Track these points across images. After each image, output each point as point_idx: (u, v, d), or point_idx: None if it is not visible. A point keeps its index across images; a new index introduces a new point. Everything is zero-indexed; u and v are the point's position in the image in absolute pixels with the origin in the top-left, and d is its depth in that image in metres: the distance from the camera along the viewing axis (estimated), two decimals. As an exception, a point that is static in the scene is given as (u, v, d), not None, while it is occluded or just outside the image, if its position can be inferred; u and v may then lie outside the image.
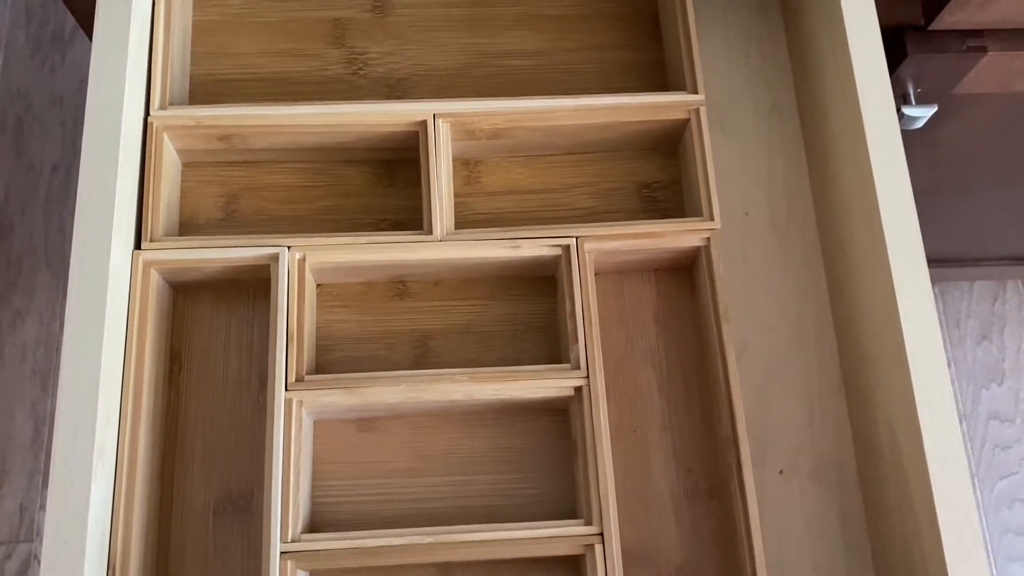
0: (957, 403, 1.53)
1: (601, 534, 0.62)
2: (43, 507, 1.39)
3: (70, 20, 1.60)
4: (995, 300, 1.64)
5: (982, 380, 1.57)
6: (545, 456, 0.69)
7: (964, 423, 1.51)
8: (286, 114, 0.70)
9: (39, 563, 1.36)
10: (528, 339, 0.72)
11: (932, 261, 0.66)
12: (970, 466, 1.49)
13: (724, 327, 0.68)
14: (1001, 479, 1.52)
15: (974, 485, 1.48)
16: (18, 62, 1.58)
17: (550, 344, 0.72)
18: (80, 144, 1.58)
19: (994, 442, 1.55)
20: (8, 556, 1.39)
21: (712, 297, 0.69)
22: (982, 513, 1.48)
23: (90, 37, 0.68)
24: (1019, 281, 1.65)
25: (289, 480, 0.62)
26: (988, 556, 0.60)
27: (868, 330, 0.68)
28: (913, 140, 0.84)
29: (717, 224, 0.70)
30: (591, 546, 0.62)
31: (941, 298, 1.60)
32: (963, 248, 1.48)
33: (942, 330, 1.53)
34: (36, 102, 1.56)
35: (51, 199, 1.53)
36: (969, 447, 1.51)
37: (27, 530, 1.40)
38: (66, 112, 1.56)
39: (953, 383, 1.50)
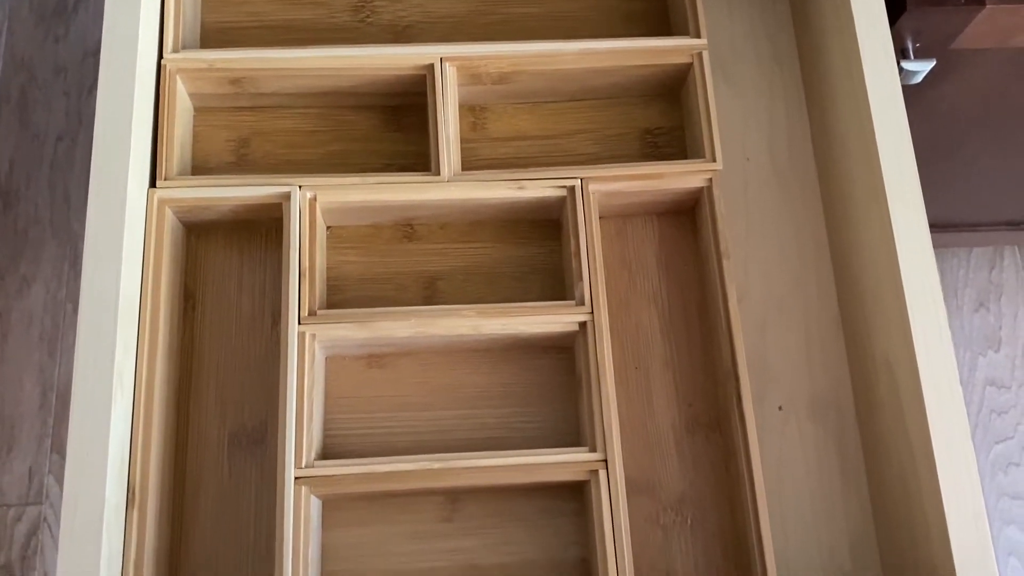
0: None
1: (605, 460, 0.64)
2: (52, 471, 1.41)
3: (73, -10, 1.60)
4: (992, 268, 1.65)
5: (979, 347, 1.59)
6: (550, 392, 0.71)
7: (961, 389, 1.54)
8: (295, 57, 0.72)
9: (49, 526, 1.39)
10: (533, 281, 0.74)
11: (929, 226, 0.68)
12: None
13: (725, 264, 0.69)
14: (997, 444, 1.54)
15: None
16: (22, 33, 1.59)
17: (555, 286, 0.74)
18: (84, 115, 1.59)
19: (990, 408, 1.57)
20: (18, 519, 1.41)
21: (714, 235, 0.70)
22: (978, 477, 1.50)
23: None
24: (1016, 248, 1.66)
25: (303, 410, 0.64)
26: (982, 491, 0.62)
27: (866, 270, 0.70)
28: (911, 99, 0.85)
29: (719, 165, 0.71)
30: (595, 472, 0.64)
31: (938, 266, 1.61)
32: (960, 213, 1.49)
33: (939, 297, 1.54)
34: (40, 72, 1.57)
35: (56, 168, 1.54)
36: (966, 413, 1.53)
37: (36, 493, 1.42)
38: (70, 83, 1.56)
39: (950, 350, 1.52)
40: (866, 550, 0.70)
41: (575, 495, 0.68)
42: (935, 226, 1.48)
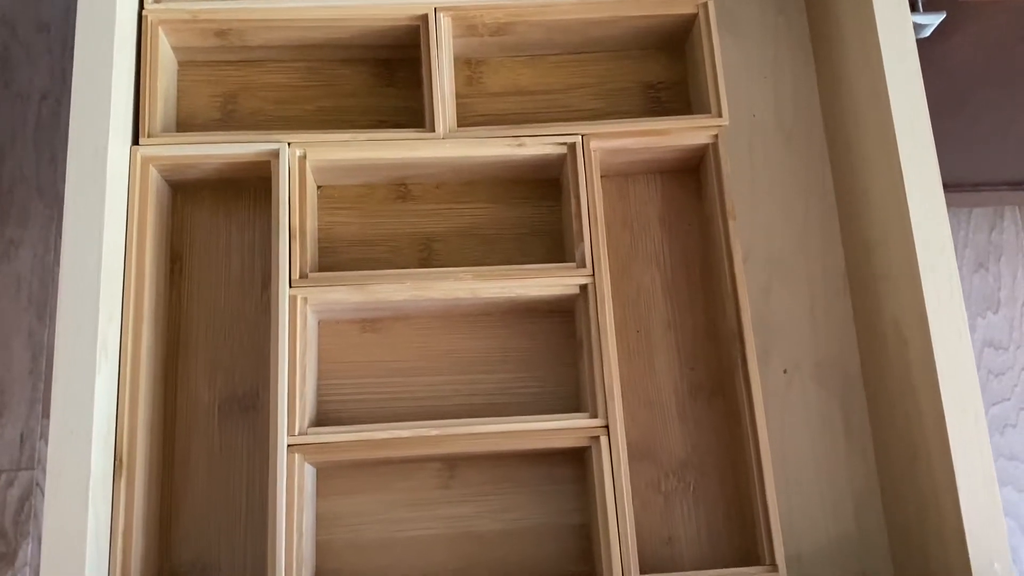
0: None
1: (607, 426, 0.63)
2: (43, 436, 1.39)
3: (54, -58, 1.55)
4: (992, 229, 1.64)
5: (978, 309, 1.57)
6: (549, 356, 0.69)
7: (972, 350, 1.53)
8: (284, 8, 0.68)
9: (41, 491, 1.38)
10: (532, 242, 0.72)
11: None
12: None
13: (730, 223, 0.67)
14: (994, 405, 1.54)
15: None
16: (1, -13, 1.55)
17: (554, 247, 0.72)
18: (69, 73, 1.55)
19: (988, 369, 1.56)
20: (10, 484, 1.39)
21: (719, 195, 0.68)
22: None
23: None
24: (1016, 208, 1.64)
25: (295, 375, 0.62)
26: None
27: (875, 228, 0.68)
28: (919, 54, 0.82)
29: (725, 120, 0.69)
30: (596, 438, 0.62)
31: (939, 226, 1.60)
32: (962, 173, 1.47)
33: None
34: (22, 29, 1.52)
35: (41, 127, 1.50)
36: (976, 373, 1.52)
37: (28, 458, 1.40)
38: (53, 39, 1.52)
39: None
40: (871, 512, 0.69)
41: (575, 461, 0.67)
42: (937, 185, 1.46)
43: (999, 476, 1.47)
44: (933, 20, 0.95)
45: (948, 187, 1.57)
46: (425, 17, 0.69)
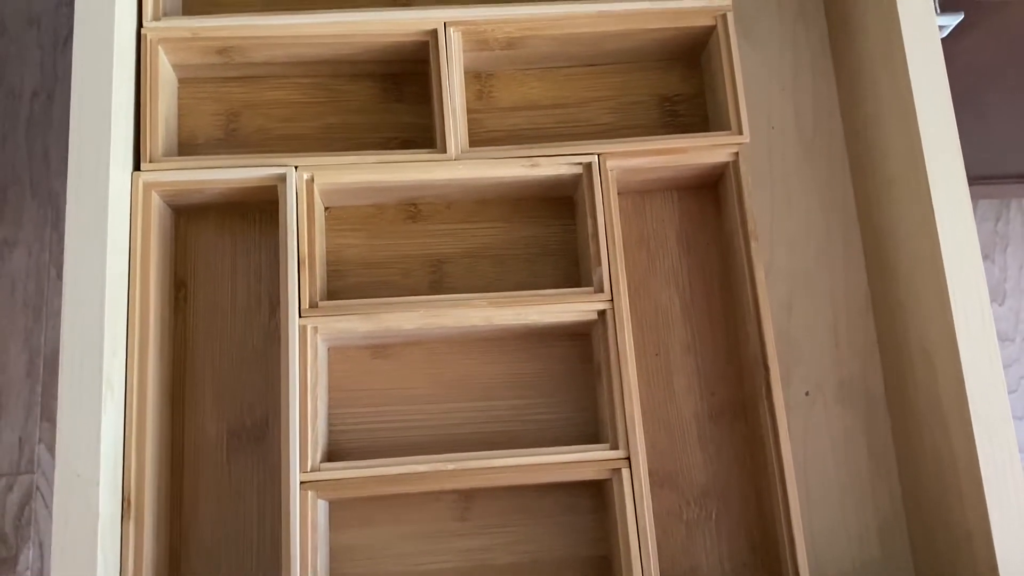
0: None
1: (628, 458, 0.61)
2: (42, 439, 1.38)
3: (42, -65, 1.52)
4: (998, 220, 1.62)
5: (983, 300, 1.56)
6: (565, 381, 0.67)
7: (1004, 372, 1.52)
8: (287, 24, 0.66)
9: (41, 495, 1.36)
10: (546, 263, 0.70)
11: None
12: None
13: (752, 245, 0.65)
14: (1000, 397, 1.53)
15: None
16: (-10, -18, 1.51)
17: (568, 267, 0.70)
18: (60, 68, 1.51)
19: (993, 361, 1.55)
20: (10, 488, 1.38)
21: (740, 215, 0.66)
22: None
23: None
24: (1023, 200, 1.63)
25: (307, 409, 0.60)
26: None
27: (900, 245, 0.66)
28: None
29: (746, 138, 0.66)
30: (618, 470, 0.61)
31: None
32: (969, 166, 1.46)
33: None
34: (11, 24, 1.49)
35: (33, 125, 1.47)
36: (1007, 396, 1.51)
37: (27, 462, 1.39)
38: (44, 34, 1.49)
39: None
40: (896, 537, 0.67)
41: (594, 491, 0.65)
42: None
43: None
44: (951, 21, 0.93)
45: (956, 180, 1.56)
46: (435, 32, 0.66)
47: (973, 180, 1.66)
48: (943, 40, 0.94)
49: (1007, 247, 1.61)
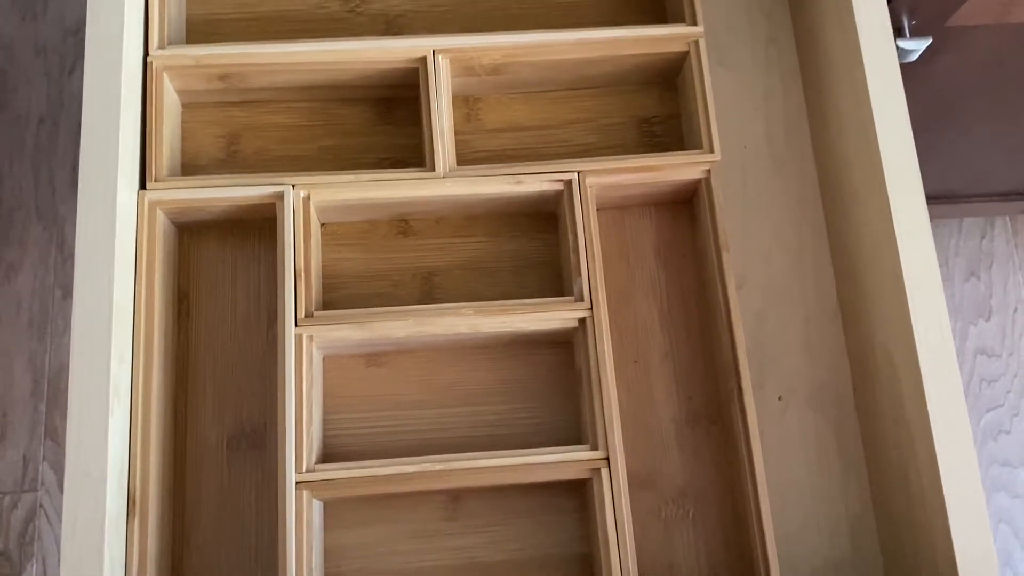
0: (945, 338, 1.55)
1: (607, 458, 0.64)
2: (46, 457, 1.40)
3: (50, -32, 1.57)
4: (983, 237, 1.65)
5: (970, 316, 1.59)
6: (549, 387, 0.71)
7: (960, 378, 1.54)
8: (285, 51, 0.70)
9: (45, 513, 1.39)
10: (530, 274, 0.74)
11: None
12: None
13: (724, 256, 0.69)
14: (988, 411, 1.56)
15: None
16: (-1, 12, 1.56)
17: (552, 279, 0.73)
18: (66, 95, 1.56)
19: (981, 376, 1.58)
20: (14, 506, 1.40)
21: (712, 228, 0.70)
22: (969, 444, 1.51)
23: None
24: (1007, 218, 1.66)
25: (302, 413, 0.64)
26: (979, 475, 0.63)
27: (864, 256, 0.70)
28: (906, 75, 0.84)
29: (717, 156, 0.70)
30: (597, 470, 0.64)
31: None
32: (953, 185, 1.49)
33: (931, 267, 1.54)
34: (19, 53, 1.54)
35: (39, 151, 1.51)
36: (964, 398, 1.54)
37: (31, 480, 1.41)
38: (50, 63, 1.53)
39: (942, 319, 1.52)
40: (866, 536, 0.71)
41: (577, 491, 0.68)
42: (929, 198, 1.47)
43: (994, 482, 1.50)
44: (920, 45, 0.97)
45: (940, 198, 1.59)
46: (424, 59, 0.71)
47: (958, 198, 1.68)
48: (916, 63, 0.99)
49: (992, 264, 1.64)
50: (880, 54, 0.68)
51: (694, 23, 0.73)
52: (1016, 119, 1.22)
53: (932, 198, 1.48)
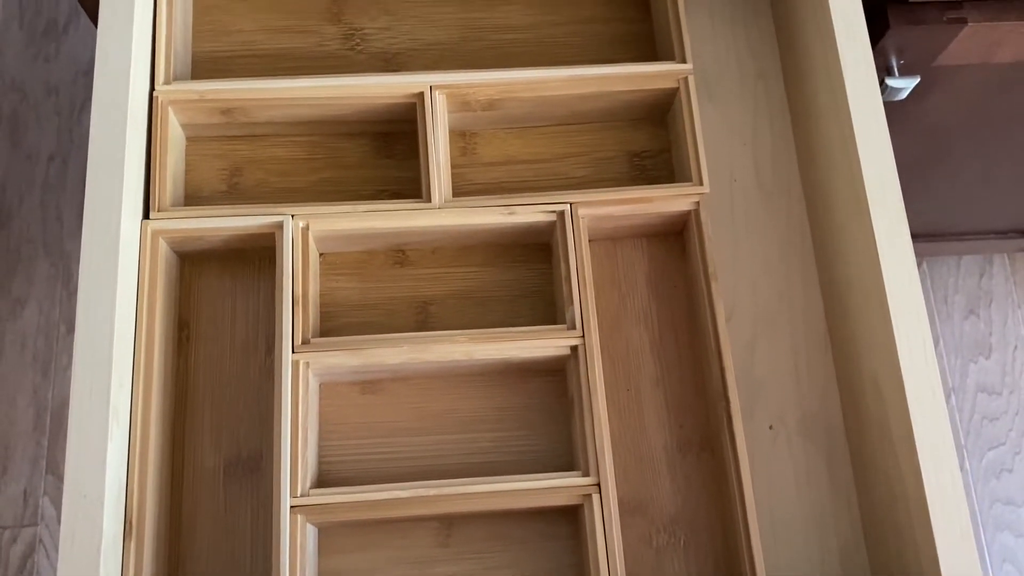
0: (946, 377, 1.55)
1: (598, 484, 0.65)
2: (47, 492, 1.41)
3: (63, 10, 1.61)
4: (982, 275, 1.66)
5: (970, 354, 1.59)
6: (542, 415, 0.72)
7: (953, 397, 1.54)
8: (287, 87, 0.72)
9: (44, 547, 1.39)
10: (524, 304, 0.75)
11: (918, 235, 0.68)
12: (959, 438, 1.52)
13: (713, 286, 0.70)
14: (989, 450, 1.55)
15: (962, 456, 1.51)
16: (12, 53, 1.60)
17: (546, 308, 0.75)
18: (76, 134, 1.59)
19: (982, 414, 1.57)
20: (13, 540, 1.40)
21: (702, 258, 0.71)
22: (971, 482, 1.51)
23: (92, 19, 0.70)
24: (1005, 255, 1.67)
25: (298, 438, 0.65)
26: (972, 505, 0.63)
27: (851, 286, 0.71)
28: (896, 114, 0.86)
29: (706, 188, 0.72)
30: (588, 496, 0.65)
31: (929, 274, 1.62)
32: (949, 222, 1.51)
33: (930, 306, 1.56)
34: (31, 93, 1.57)
35: (48, 188, 1.54)
36: (958, 420, 1.53)
37: (31, 514, 1.41)
38: (61, 102, 1.57)
39: (942, 358, 1.53)
40: (856, 564, 0.71)
41: (570, 518, 0.69)
42: (925, 235, 1.49)
43: (996, 522, 1.49)
44: (908, 84, 0.99)
45: (936, 236, 1.60)
46: (421, 95, 0.73)
47: (955, 236, 1.70)
48: (907, 101, 1.01)
49: (991, 302, 1.65)
50: (864, 93, 0.70)
51: (683, 60, 0.75)
52: (1004, 158, 1.24)
53: (930, 236, 1.50)
